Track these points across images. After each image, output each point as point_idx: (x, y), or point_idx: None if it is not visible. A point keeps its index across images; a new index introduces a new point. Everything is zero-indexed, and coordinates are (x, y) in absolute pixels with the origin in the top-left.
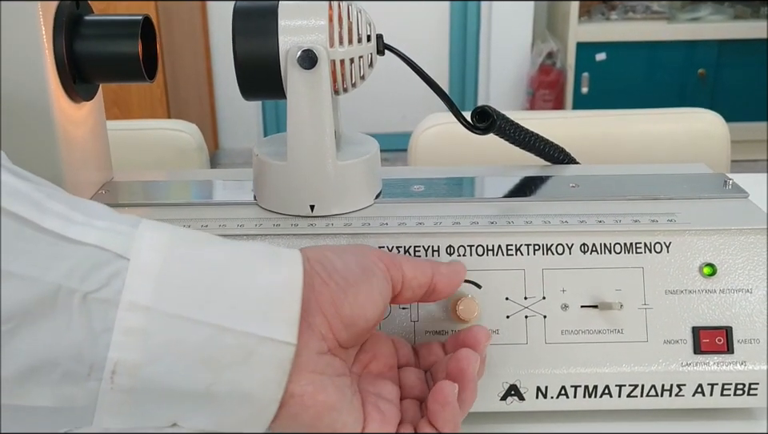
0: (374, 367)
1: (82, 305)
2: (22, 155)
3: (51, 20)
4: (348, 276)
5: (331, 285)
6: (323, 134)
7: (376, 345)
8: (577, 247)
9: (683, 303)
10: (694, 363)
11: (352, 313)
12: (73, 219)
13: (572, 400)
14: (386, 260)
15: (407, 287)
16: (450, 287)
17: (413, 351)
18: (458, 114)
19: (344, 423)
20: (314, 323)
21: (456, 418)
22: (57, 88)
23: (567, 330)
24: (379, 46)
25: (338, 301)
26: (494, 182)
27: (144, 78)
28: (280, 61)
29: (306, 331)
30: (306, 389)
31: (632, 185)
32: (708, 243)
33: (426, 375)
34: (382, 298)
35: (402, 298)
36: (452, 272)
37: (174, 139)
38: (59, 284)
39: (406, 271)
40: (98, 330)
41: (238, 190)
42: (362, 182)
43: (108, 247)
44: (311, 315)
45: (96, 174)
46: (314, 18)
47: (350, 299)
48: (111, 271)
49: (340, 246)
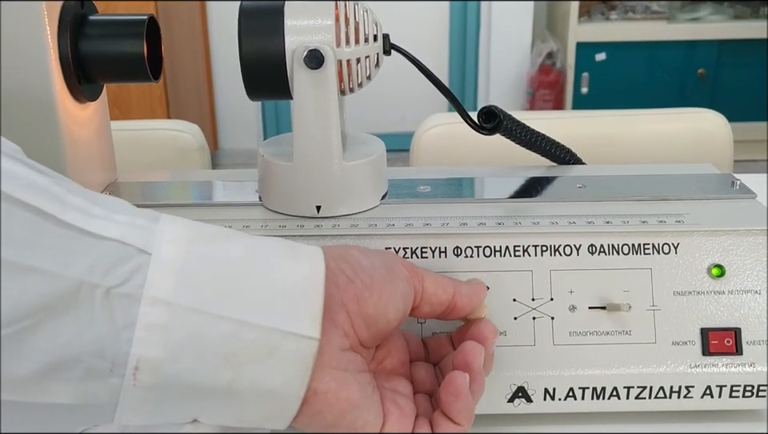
0: (389, 363)
1: (104, 300)
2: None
3: (56, 20)
4: (374, 274)
5: (357, 283)
6: (329, 134)
7: (390, 341)
8: (584, 247)
9: (692, 304)
10: (702, 364)
11: (375, 312)
12: (93, 213)
13: (580, 402)
14: (409, 268)
15: (426, 301)
16: (470, 306)
17: (423, 345)
18: (464, 115)
19: (365, 420)
20: (338, 320)
21: (470, 407)
22: (61, 88)
23: (575, 331)
24: (386, 45)
25: (362, 299)
26: (501, 182)
27: (149, 78)
28: (286, 61)
29: (330, 328)
30: (330, 386)
31: (639, 185)
32: (716, 244)
33: (435, 369)
34: (403, 301)
35: (420, 311)
36: (473, 293)
37: (176, 140)
38: (81, 279)
39: (427, 285)
40: (121, 325)
41: (242, 191)
42: (369, 182)
43: (129, 241)
44: (335, 311)
45: (100, 175)
46: (321, 17)
47: (374, 298)
48: (133, 266)
49: (368, 250)
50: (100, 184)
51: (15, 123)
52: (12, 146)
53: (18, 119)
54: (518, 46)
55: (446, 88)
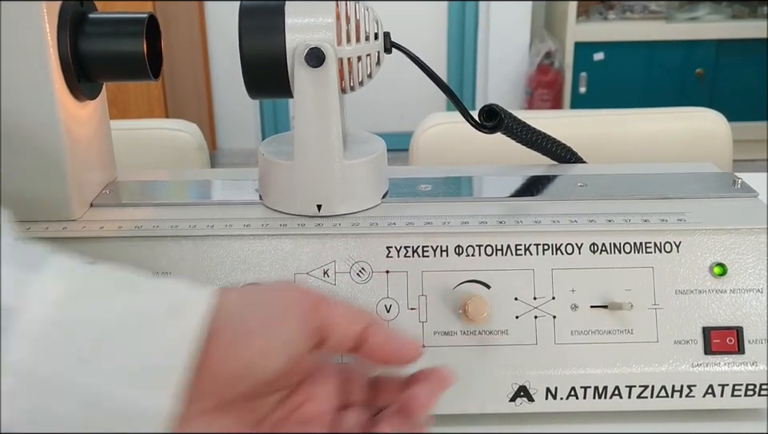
0: (307, 410)
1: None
2: (27, 155)
3: (55, 18)
4: (246, 325)
5: (221, 339)
6: (330, 132)
7: (314, 384)
8: (586, 246)
9: (694, 303)
10: (704, 363)
11: (243, 366)
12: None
13: (582, 401)
14: (313, 301)
15: (332, 334)
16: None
17: (372, 385)
18: (465, 114)
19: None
20: (197, 382)
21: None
22: (61, 87)
23: (577, 330)
24: (386, 44)
25: (225, 356)
26: (502, 181)
27: (149, 77)
28: (287, 59)
29: (188, 391)
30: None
31: (641, 184)
32: (718, 243)
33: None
34: (287, 346)
35: (327, 346)
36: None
37: (175, 139)
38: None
39: (334, 316)
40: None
41: (242, 190)
42: (370, 181)
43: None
44: (195, 373)
45: (100, 174)
46: (321, 15)
47: (239, 352)
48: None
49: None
50: (99, 183)
51: (14, 122)
52: None
53: (17, 118)
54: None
55: (447, 87)
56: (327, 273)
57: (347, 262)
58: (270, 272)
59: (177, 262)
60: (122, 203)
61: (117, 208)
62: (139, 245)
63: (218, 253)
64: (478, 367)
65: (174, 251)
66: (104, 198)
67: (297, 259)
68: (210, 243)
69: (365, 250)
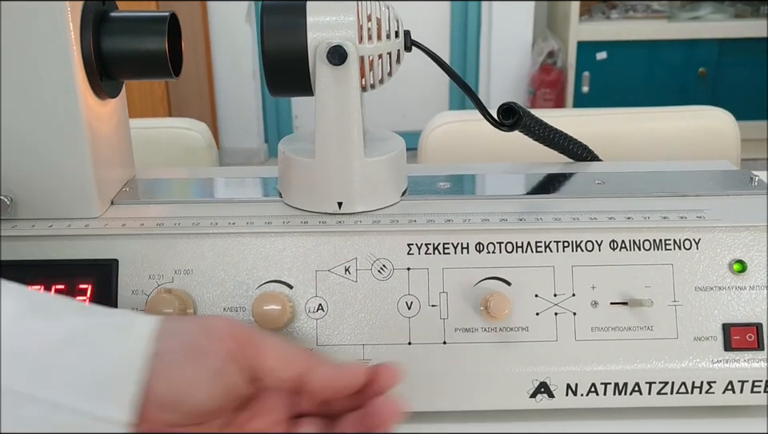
0: (255, 425)
1: None
2: (50, 152)
3: (78, 17)
4: (167, 358)
5: (163, 362)
6: (351, 130)
7: (260, 401)
8: (606, 243)
9: (713, 299)
10: (724, 360)
11: (178, 393)
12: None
13: (602, 397)
14: (240, 341)
15: (268, 376)
16: (329, 390)
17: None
18: (484, 112)
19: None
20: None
21: None
22: (84, 85)
23: (597, 327)
24: (407, 42)
25: (165, 379)
26: (519, 179)
27: (170, 75)
28: (309, 57)
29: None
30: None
31: (658, 182)
32: (738, 240)
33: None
34: (215, 379)
35: (264, 385)
36: (336, 376)
37: (184, 138)
38: None
39: (266, 359)
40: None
41: (262, 188)
42: (389, 179)
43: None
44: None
45: (120, 172)
46: (343, 14)
47: (174, 380)
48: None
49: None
50: (119, 180)
51: (38, 120)
52: None
53: (40, 115)
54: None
55: (467, 85)
56: (348, 270)
57: (368, 259)
58: (292, 269)
59: (198, 259)
60: (142, 201)
61: (137, 205)
62: (161, 242)
63: (239, 250)
64: (499, 364)
65: (196, 248)
66: (124, 195)
67: (318, 256)
68: (231, 240)
69: (386, 247)
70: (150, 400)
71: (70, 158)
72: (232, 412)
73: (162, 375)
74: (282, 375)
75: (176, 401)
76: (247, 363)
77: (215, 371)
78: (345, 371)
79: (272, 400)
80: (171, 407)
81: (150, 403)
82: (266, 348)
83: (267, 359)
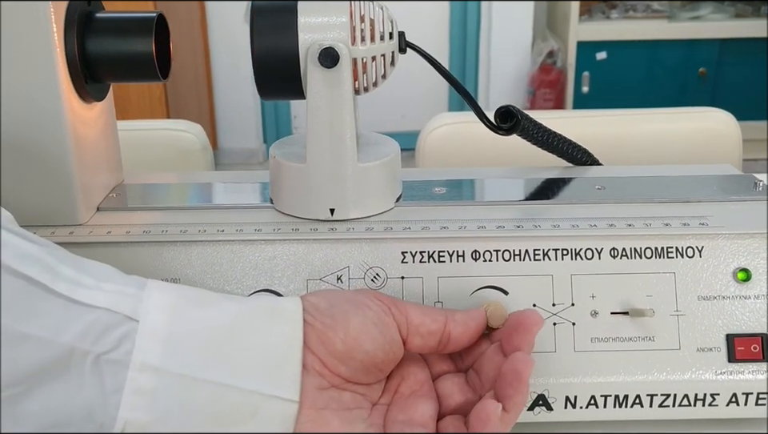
0: (405, 388)
1: (94, 366)
2: (33, 157)
3: (62, 18)
4: (334, 313)
5: (316, 325)
6: (344, 135)
7: (401, 365)
8: (606, 251)
9: (717, 309)
10: (728, 371)
11: (345, 347)
12: (83, 283)
13: (602, 410)
14: (387, 301)
15: (414, 332)
16: (466, 335)
17: (449, 356)
18: (481, 115)
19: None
20: (306, 362)
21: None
22: (68, 88)
23: (597, 337)
24: (401, 43)
25: (326, 339)
26: (518, 184)
27: (158, 78)
28: (300, 59)
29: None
30: (306, 427)
31: (659, 187)
32: (742, 247)
33: (470, 373)
34: (379, 330)
35: (411, 345)
36: (468, 318)
37: (178, 140)
38: (72, 346)
39: (412, 316)
40: (109, 390)
41: (253, 193)
42: (383, 184)
43: (118, 309)
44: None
45: (107, 177)
46: (335, 15)
47: (339, 335)
48: (122, 333)
49: (338, 290)
50: (106, 186)
51: (21, 123)
52: (6, 214)
53: (23, 120)
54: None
55: (463, 87)
56: (341, 279)
57: (361, 267)
58: (282, 278)
59: (186, 267)
60: (129, 207)
61: (124, 212)
62: (147, 250)
63: (228, 258)
64: None
65: (183, 256)
66: (111, 201)
67: (309, 265)
68: (220, 247)
69: (379, 255)
70: (329, 353)
71: (54, 164)
72: (386, 379)
73: (337, 325)
74: (430, 328)
75: (349, 349)
76: (399, 319)
77: (377, 320)
78: (473, 313)
79: (413, 363)
80: (345, 356)
81: (329, 356)
82: (408, 307)
83: (412, 315)
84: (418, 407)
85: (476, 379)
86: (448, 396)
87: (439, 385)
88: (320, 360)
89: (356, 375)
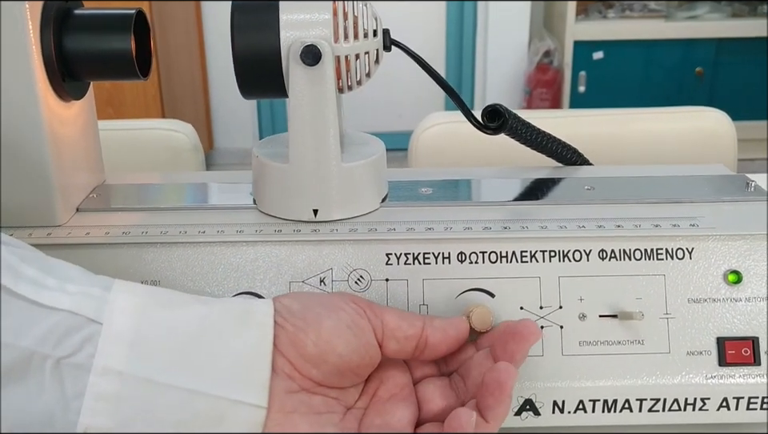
0: (384, 391)
1: (54, 370)
2: (9, 157)
3: (38, 15)
4: (306, 316)
5: (288, 327)
6: (327, 134)
7: (381, 369)
8: (595, 253)
9: (707, 312)
10: (718, 375)
11: (318, 350)
12: (45, 284)
13: (590, 415)
14: (362, 304)
15: (390, 336)
16: (444, 343)
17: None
18: (468, 114)
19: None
20: (276, 365)
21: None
22: (44, 86)
23: (585, 341)
24: (386, 41)
25: (297, 341)
26: (506, 184)
27: (137, 76)
28: (281, 57)
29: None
30: (272, 430)
31: (650, 187)
32: (733, 249)
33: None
34: (353, 333)
35: (387, 349)
36: (448, 326)
37: (169, 139)
38: (33, 350)
39: (387, 320)
40: (70, 395)
41: (236, 194)
42: (368, 184)
43: (81, 311)
44: (273, 359)
45: (87, 177)
46: (318, 11)
47: (311, 337)
48: (84, 336)
49: (312, 293)
50: (86, 186)
51: None
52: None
53: None
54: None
55: (449, 86)
56: (324, 281)
57: (345, 269)
58: (264, 280)
59: (166, 269)
60: (109, 208)
61: (104, 213)
62: (127, 252)
63: (209, 260)
64: None
65: (163, 258)
66: (91, 202)
67: (292, 267)
68: (201, 249)
69: (363, 257)
70: (300, 355)
71: (31, 164)
72: (363, 382)
73: (309, 328)
74: (406, 333)
75: (321, 352)
76: (374, 322)
77: (351, 323)
78: (454, 320)
79: (393, 367)
80: (317, 359)
81: (299, 359)
82: (384, 311)
83: (388, 319)
84: (396, 412)
85: (461, 383)
86: (429, 401)
87: (420, 389)
88: (290, 363)
89: (329, 379)
